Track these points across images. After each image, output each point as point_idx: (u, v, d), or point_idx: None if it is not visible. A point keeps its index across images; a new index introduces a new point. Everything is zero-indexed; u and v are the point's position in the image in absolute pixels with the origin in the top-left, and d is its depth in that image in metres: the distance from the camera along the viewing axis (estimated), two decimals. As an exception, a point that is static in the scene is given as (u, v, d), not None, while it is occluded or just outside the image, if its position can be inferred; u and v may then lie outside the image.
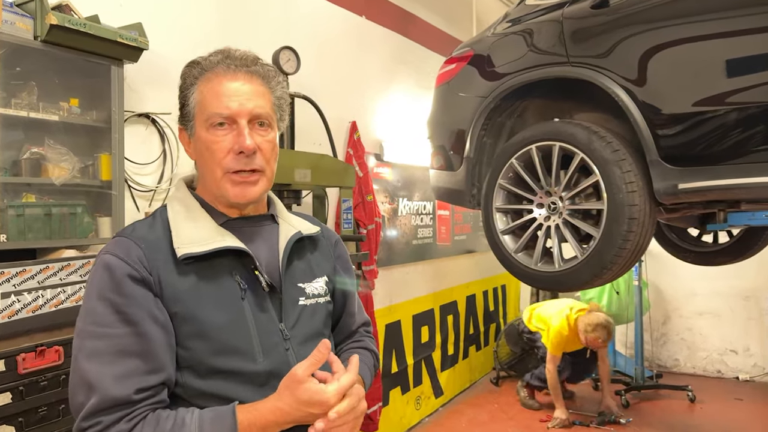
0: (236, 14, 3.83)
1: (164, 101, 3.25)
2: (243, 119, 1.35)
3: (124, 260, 1.27)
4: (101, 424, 1.18)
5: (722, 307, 6.92)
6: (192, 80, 1.39)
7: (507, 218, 3.18)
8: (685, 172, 2.56)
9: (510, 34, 3.28)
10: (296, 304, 1.44)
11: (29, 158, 2.40)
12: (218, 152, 1.35)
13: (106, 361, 1.21)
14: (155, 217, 1.41)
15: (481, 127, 3.34)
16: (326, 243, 1.62)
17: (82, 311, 1.28)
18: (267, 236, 1.47)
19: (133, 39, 2.57)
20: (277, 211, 1.53)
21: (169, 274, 1.30)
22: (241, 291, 1.35)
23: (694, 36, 2.52)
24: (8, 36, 2.27)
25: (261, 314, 1.37)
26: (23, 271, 2.15)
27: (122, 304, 1.24)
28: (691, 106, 2.51)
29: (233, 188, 1.37)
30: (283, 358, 1.36)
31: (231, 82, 1.36)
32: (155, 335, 1.25)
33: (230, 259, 1.36)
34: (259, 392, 1.30)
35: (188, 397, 1.29)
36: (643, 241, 2.77)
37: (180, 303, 1.29)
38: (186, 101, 1.40)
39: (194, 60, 1.42)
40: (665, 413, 5.77)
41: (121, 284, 1.25)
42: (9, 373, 2.10)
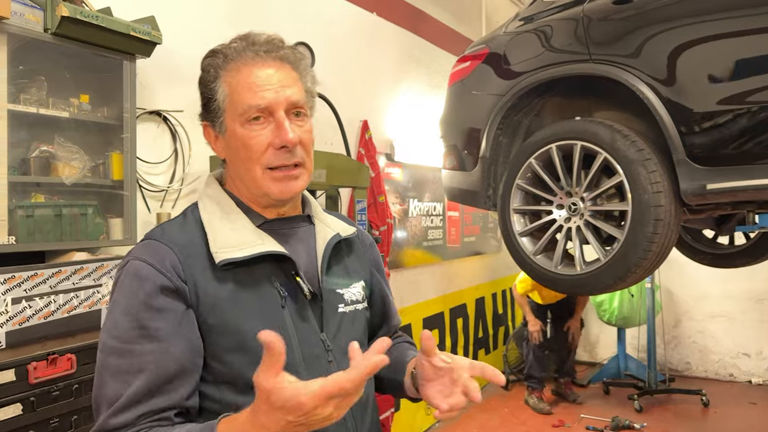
0: (249, 9, 3.77)
1: (176, 99, 3.18)
2: (280, 110, 1.24)
3: (156, 268, 1.16)
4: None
5: (734, 309, 6.84)
6: (216, 72, 1.26)
7: (525, 220, 3.11)
8: (713, 171, 2.50)
9: (527, 32, 3.21)
10: (336, 312, 1.33)
11: (38, 156, 2.32)
12: (257, 148, 1.23)
13: (129, 381, 1.11)
14: (186, 217, 1.29)
15: (497, 126, 3.27)
16: (361, 245, 1.51)
17: (107, 322, 1.17)
18: (304, 238, 1.36)
19: (146, 32, 2.49)
20: (312, 210, 1.41)
21: (207, 282, 1.19)
22: (281, 299, 1.24)
23: (725, 32, 2.46)
24: (17, 28, 2.20)
25: (302, 324, 1.26)
26: (35, 275, 2.07)
27: (149, 319, 1.13)
28: (722, 104, 2.45)
29: (276, 185, 1.26)
30: (325, 369, 1.24)
31: (261, 70, 1.24)
32: (179, 354, 1.14)
33: (269, 264, 1.25)
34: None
35: (227, 412, 1.13)
36: (668, 243, 2.71)
37: (218, 313, 1.18)
38: (212, 95, 1.27)
39: (215, 49, 1.29)
40: (679, 418, 5.70)
41: (151, 297, 1.14)
42: (20, 383, 2.01)
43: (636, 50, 2.66)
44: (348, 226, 1.46)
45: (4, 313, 1.98)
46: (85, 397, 2.21)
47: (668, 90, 2.56)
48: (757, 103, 2.36)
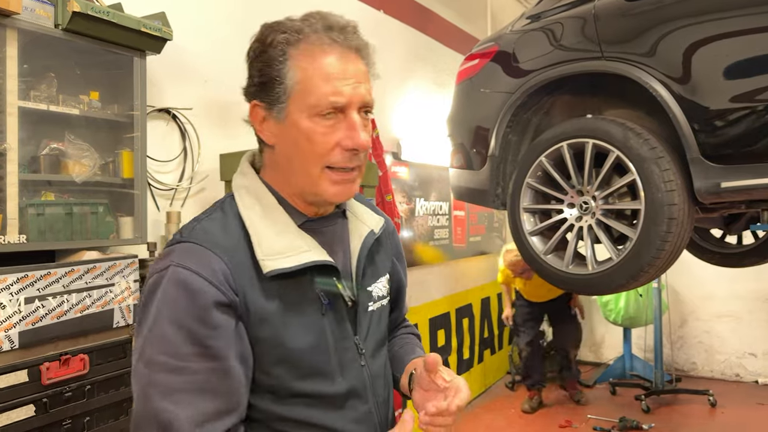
0: (257, 5, 3.75)
1: (185, 96, 3.16)
2: (354, 109, 1.15)
3: (209, 281, 1.07)
4: None
5: (741, 309, 6.81)
6: (283, 49, 1.15)
7: (535, 219, 3.09)
8: (728, 170, 2.48)
9: (536, 30, 3.19)
10: (366, 312, 1.29)
11: (49, 154, 2.30)
12: (323, 146, 1.14)
13: (184, 400, 1.03)
14: (225, 213, 1.18)
15: (507, 124, 3.25)
16: (386, 235, 1.43)
17: (149, 335, 1.06)
18: (340, 234, 1.30)
19: (157, 29, 2.46)
20: (347, 204, 1.34)
21: (256, 294, 1.11)
22: (322, 306, 1.19)
23: (740, 30, 2.44)
24: (28, 24, 2.18)
25: (338, 330, 1.22)
26: (48, 274, 2.04)
27: (206, 337, 1.05)
28: (737, 102, 2.43)
29: (333, 187, 1.17)
30: (359, 375, 1.24)
31: (340, 61, 1.14)
32: (237, 372, 1.09)
33: (313, 270, 1.18)
34: (337, 415, 1.19)
35: (267, 421, 1.16)
36: (681, 242, 2.69)
37: (267, 326, 1.12)
38: (278, 77, 1.14)
39: (285, 24, 1.18)
40: (687, 418, 5.67)
41: (206, 312, 1.06)
42: (32, 384, 1.99)
43: (649, 47, 2.64)
44: (378, 217, 1.39)
45: (17, 312, 1.95)
46: (97, 398, 2.19)
47: (682, 87, 2.54)
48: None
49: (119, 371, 2.28)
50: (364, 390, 1.24)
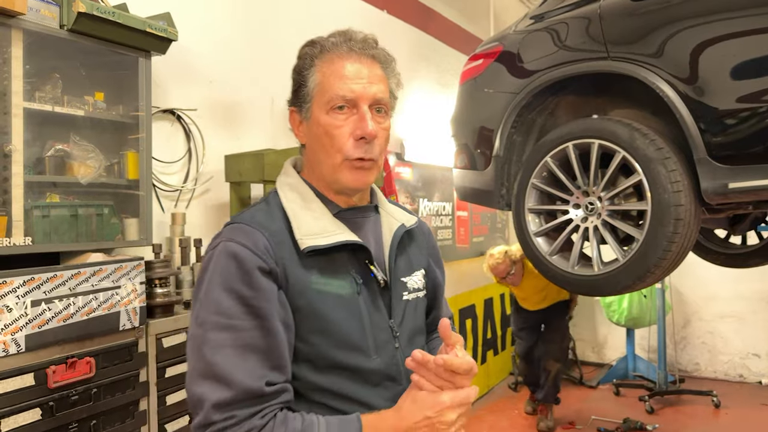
0: (261, 6, 3.77)
1: (189, 97, 3.16)
2: (365, 103, 1.31)
3: (252, 251, 1.22)
4: (235, 419, 1.14)
5: (744, 310, 6.80)
6: (311, 60, 1.35)
7: (540, 219, 3.07)
8: (736, 170, 2.46)
9: (540, 30, 3.18)
10: (401, 300, 1.41)
11: (54, 155, 2.29)
12: (339, 137, 1.30)
13: (234, 354, 1.17)
14: (269, 204, 1.35)
15: (511, 125, 3.23)
16: (421, 234, 1.57)
17: (203, 300, 1.22)
18: (373, 228, 1.43)
19: (162, 29, 2.46)
20: (378, 201, 1.49)
21: (295, 267, 1.26)
22: (357, 286, 1.32)
23: (748, 30, 2.43)
24: (33, 24, 2.18)
25: (374, 311, 1.34)
26: (54, 276, 2.03)
27: (252, 297, 1.19)
28: (744, 102, 2.42)
29: (351, 174, 1.32)
30: (392, 356, 1.35)
31: (353, 64, 1.32)
32: (280, 332, 1.22)
33: (347, 252, 1.33)
34: (375, 391, 1.31)
35: (305, 392, 1.27)
36: (688, 243, 2.68)
37: (304, 297, 1.25)
38: (304, 81, 1.35)
39: (314, 40, 1.38)
40: (691, 419, 5.67)
41: (251, 276, 1.20)
42: (39, 387, 1.98)
43: (656, 47, 2.63)
44: (410, 216, 1.52)
45: (23, 315, 1.94)
46: (103, 401, 2.18)
47: (689, 87, 2.53)
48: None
49: (126, 374, 2.28)
50: (398, 372, 1.34)
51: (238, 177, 3.17)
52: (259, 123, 3.77)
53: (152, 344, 2.40)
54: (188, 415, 2.51)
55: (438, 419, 1.19)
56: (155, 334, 2.42)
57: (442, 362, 1.21)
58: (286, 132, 4.08)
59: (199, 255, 3.00)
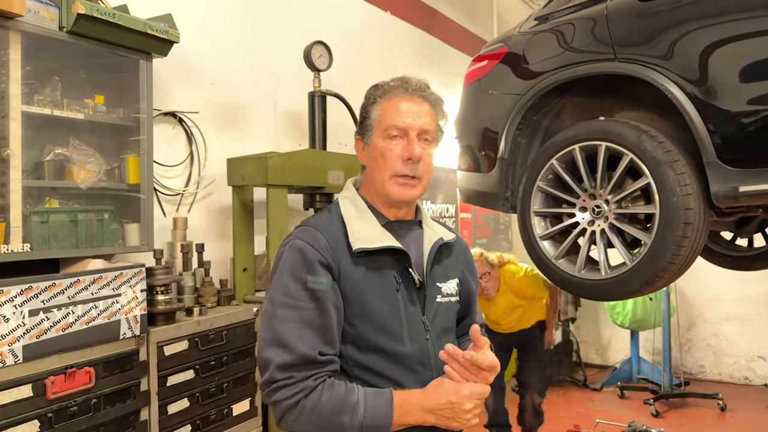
0: (264, 8, 3.77)
1: (191, 99, 3.15)
2: (413, 132, 1.63)
3: (314, 247, 1.54)
4: (293, 379, 1.46)
5: (750, 312, 6.83)
6: (374, 99, 1.69)
7: (546, 222, 3.06)
8: (747, 173, 2.45)
9: (546, 31, 3.17)
10: (434, 301, 1.68)
11: (53, 160, 2.27)
12: (391, 158, 1.62)
13: (296, 327, 1.49)
14: (331, 213, 1.67)
15: (516, 127, 3.22)
16: (458, 249, 1.85)
17: (275, 283, 1.55)
18: (416, 238, 1.72)
19: (164, 31, 2.45)
20: (423, 218, 1.78)
21: (347, 264, 1.56)
22: (397, 284, 1.61)
23: (758, 30, 2.41)
24: (31, 26, 2.17)
25: (410, 306, 1.62)
26: (53, 285, 2.01)
27: (312, 283, 1.51)
28: (755, 104, 2.40)
29: (398, 188, 1.63)
30: (424, 345, 1.62)
31: (407, 102, 1.65)
32: (332, 314, 1.51)
33: (390, 256, 1.61)
34: (406, 374, 1.58)
35: (348, 368, 1.56)
36: (697, 247, 2.66)
37: (352, 288, 1.55)
38: (368, 115, 1.69)
39: (378, 84, 1.71)
40: (697, 423, 5.68)
41: (312, 266, 1.52)
42: (37, 398, 1.98)
43: (664, 48, 2.62)
44: (449, 232, 1.82)
45: (21, 325, 1.91)
46: (103, 411, 2.18)
47: (698, 89, 2.51)
48: None
49: (126, 383, 2.27)
50: (428, 360, 1.62)
51: (241, 180, 3.20)
52: (262, 126, 3.79)
53: (153, 353, 2.40)
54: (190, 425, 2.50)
55: (458, 405, 1.48)
56: (156, 342, 2.42)
57: (470, 357, 1.49)
58: (289, 134, 4.07)
59: (201, 260, 3.01)
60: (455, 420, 1.51)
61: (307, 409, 1.47)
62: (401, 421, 1.50)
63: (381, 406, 1.49)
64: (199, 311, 2.71)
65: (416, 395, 1.52)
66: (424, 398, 1.51)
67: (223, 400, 2.72)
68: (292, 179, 3.19)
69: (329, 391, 1.47)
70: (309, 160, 3.31)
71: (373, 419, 1.48)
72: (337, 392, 1.48)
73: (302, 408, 1.47)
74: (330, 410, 1.47)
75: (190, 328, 2.58)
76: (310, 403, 1.47)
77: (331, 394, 1.47)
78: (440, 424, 1.52)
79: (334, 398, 1.48)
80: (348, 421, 1.47)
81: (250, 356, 2.86)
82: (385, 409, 1.49)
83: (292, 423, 1.50)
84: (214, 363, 2.67)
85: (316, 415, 1.47)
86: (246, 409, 2.85)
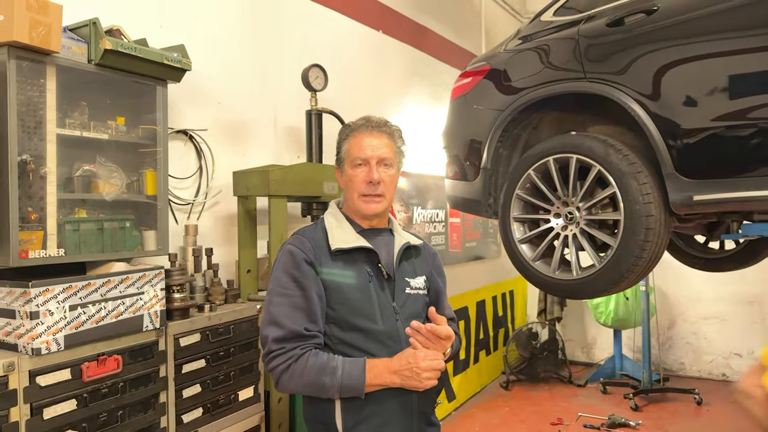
0: (265, 33, 3.98)
1: (200, 118, 3.38)
2: (373, 161, 2.02)
3: (301, 249, 1.96)
4: (285, 349, 1.86)
5: (727, 311, 7.03)
6: (345, 137, 2.10)
7: (524, 227, 3.22)
8: (700, 184, 2.63)
9: (526, 50, 3.35)
10: (403, 292, 2.06)
11: (82, 175, 2.52)
12: (357, 182, 2.03)
13: (287, 310, 1.89)
14: (317, 225, 2.10)
15: (498, 139, 3.40)
16: (426, 253, 2.25)
17: (272, 278, 1.98)
18: (387, 242, 2.11)
19: (177, 60, 2.69)
20: (393, 227, 2.18)
21: (327, 261, 1.97)
22: (369, 277, 2.00)
23: (706, 54, 2.61)
24: (65, 60, 2.41)
25: (381, 294, 2.00)
26: (88, 284, 2.29)
27: (299, 276, 1.92)
28: (705, 121, 2.59)
29: (364, 204, 2.03)
30: (394, 324, 1.99)
31: (368, 137, 2.05)
32: (315, 300, 1.91)
33: (363, 254, 2.01)
34: (380, 348, 1.94)
35: (333, 344, 1.94)
36: (658, 250, 2.84)
37: (332, 280, 1.95)
38: (340, 150, 2.11)
39: (348, 124, 2.14)
40: (674, 416, 5.89)
41: (299, 263, 1.94)
42: (75, 381, 2.25)
43: (626, 69, 2.81)
44: (417, 239, 2.22)
45: (63, 318, 2.20)
46: (129, 393, 2.44)
47: (656, 106, 2.71)
48: (737, 121, 2.52)
49: (148, 370, 2.53)
50: (398, 335, 1.97)
51: (246, 191, 3.38)
52: (264, 140, 3.99)
53: (170, 344, 2.64)
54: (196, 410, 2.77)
55: (415, 365, 1.85)
56: (173, 335, 2.66)
57: (431, 328, 1.89)
58: (289, 148, 4.30)
59: (210, 263, 3.24)
60: (414, 380, 1.86)
61: (297, 372, 1.84)
62: (372, 382, 1.86)
63: (356, 370, 1.85)
64: (210, 308, 2.93)
65: (384, 361, 1.89)
66: (390, 363, 1.88)
67: (231, 386, 2.95)
68: (292, 190, 3.37)
69: (314, 358, 1.85)
70: (307, 172, 3.49)
71: (350, 380, 1.84)
72: (321, 359, 1.86)
73: (293, 371, 1.84)
74: (315, 372, 1.84)
75: (202, 323, 2.81)
76: (299, 367, 1.84)
77: (316, 360, 1.85)
78: (404, 384, 1.87)
79: (318, 363, 1.84)
80: (329, 382, 1.83)
81: (254, 348, 3.08)
82: (360, 372, 1.85)
83: (287, 383, 1.88)
84: (223, 354, 2.91)
85: (304, 377, 1.84)
86: (250, 395, 3.08)
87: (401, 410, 1.95)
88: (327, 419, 1.93)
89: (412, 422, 1.98)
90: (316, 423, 1.99)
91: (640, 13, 2.83)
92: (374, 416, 1.92)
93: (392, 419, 1.94)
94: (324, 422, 1.94)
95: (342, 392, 1.86)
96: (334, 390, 1.85)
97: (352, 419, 1.91)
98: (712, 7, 2.62)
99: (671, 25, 2.72)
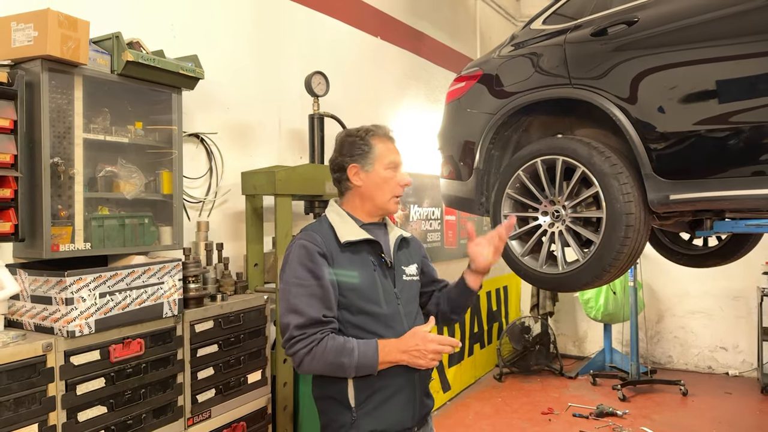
0: (270, 43, 4.16)
1: (211, 122, 3.58)
2: (402, 166, 2.28)
3: (314, 243, 2.11)
4: (306, 334, 2.02)
5: (713, 306, 7.22)
6: (369, 136, 2.24)
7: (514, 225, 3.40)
8: (676, 184, 2.78)
9: (517, 56, 3.51)
10: (402, 279, 2.28)
11: (104, 176, 2.74)
12: (394, 184, 2.24)
13: (304, 298, 2.04)
14: (321, 222, 2.25)
15: (489, 141, 3.56)
16: (415, 244, 2.48)
17: (288, 271, 2.11)
18: (383, 235, 2.30)
19: (191, 70, 2.90)
20: (386, 222, 2.37)
21: (336, 253, 2.13)
22: (373, 266, 2.19)
23: (681, 62, 2.76)
24: (91, 71, 2.62)
25: (384, 281, 2.20)
26: (115, 274, 2.52)
27: (313, 268, 2.08)
28: (680, 126, 2.74)
29: (394, 206, 2.28)
30: (396, 308, 2.19)
31: (392, 144, 2.29)
32: (329, 288, 2.08)
33: (367, 246, 2.20)
34: (384, 329, 2.14)
35: (344, 328, 2.12)
36: (638, 246, 3.00)
37: (342, 270, 2.12)
38: (370, 150, 2.22)
39: (368, 129, 2.28)
40: (660, 406, 6.08)
41: (313, 256, 2.09)
42: (103, 361, 2.48)
43: (607, 76, 2.97)
44: (406, 233, 2.42)
45: (94, 305, 2.42)
46: (150, 374, 2.67)
47: (635, 111, 2.86)
48: (709, 126, 2.66)
49: (167, 353, 2.75)
50: (400, 318, 2.19)
51: (253, 190, 3.57)
52: (269, 142, 4.18)
53: (187, 329, 2.86)
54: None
55: (423, 347, 2.04)
56: (189, 321, 2.88)
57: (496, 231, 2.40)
58: (292, 150, 4.50)
59: (221, 256, 3.44)
60: (421, 359, 2.06)
61: (318, 354, 2.01)
62: (384, 360, 2.05)
63: (370, 350, 2.04)
64: (221, 298, 3.15)
65: (394, 342, 2.08)
66: (399, 343, 2.07)
67: (240, 370, 3.16)
68: (296, 189, 3.54)
69: (332, 341, 2.02)
70: (309, 172, 3.67)
71: (365, 359, 2.03)
72: (339, 341, 2.03)
73: (314, 354, 2.01)
74: (334, 354, 2.01)
75: (214, 311, 3.02)
76: (320, 349, 2.01)
77: (334, 343, 2.02)
78: (411, 363, 2.07)
79: (337, 345, 2.02)
80: (347, 361, 2.02)
81: (261, 335, 3.30)
82: (373, 351, 2.04)
83: (308, 365, 2.04)
84: (234, 340, 3.12)
85: (324, 358, 2.01)
86: (258, 378, 3.29)
87: (407, 384, 2.15)
88: (340, 395, 2.11)
89: (415, 395, 2.19)
90: (327, 399, 2.16)
91: (622, 24, 2.96)
92: (383, 389, 2.12)
93: (399, 392, 2.14)
94: (337, 398, 2.12)
95: (358, 371, 2.04)
96: (351, 369, 2.03)
97: (364, 393, 2.10)
98: (687, 20, 2.76)
99: (649, 36, 2.86)
